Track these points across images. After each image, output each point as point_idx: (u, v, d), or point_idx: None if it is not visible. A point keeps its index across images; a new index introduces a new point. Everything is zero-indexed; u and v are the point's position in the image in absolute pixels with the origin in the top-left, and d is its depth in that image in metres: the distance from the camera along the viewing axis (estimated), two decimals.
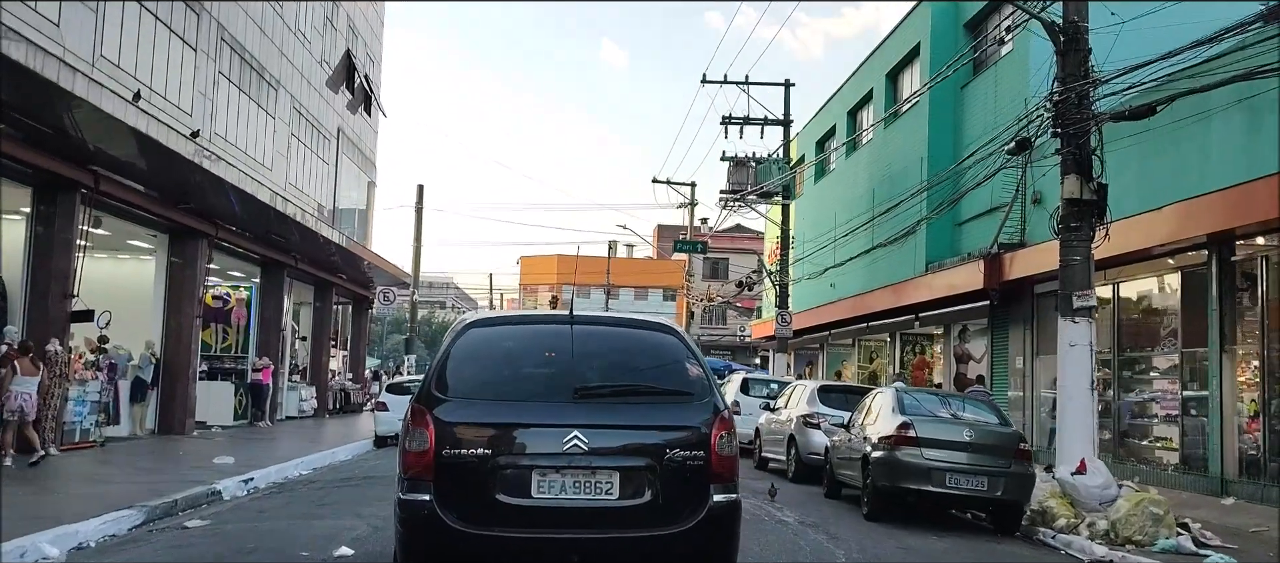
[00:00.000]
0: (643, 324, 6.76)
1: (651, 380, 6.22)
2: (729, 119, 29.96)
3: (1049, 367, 19.12)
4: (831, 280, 30.52)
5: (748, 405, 21.40)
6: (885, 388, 13.63)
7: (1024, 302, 19.81)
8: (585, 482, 5.70)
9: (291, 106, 26.96)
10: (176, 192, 18.95)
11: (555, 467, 5.68)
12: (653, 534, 5.72)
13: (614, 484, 5.71)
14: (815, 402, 15.99)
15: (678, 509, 5.74)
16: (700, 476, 5.80)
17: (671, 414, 6.01)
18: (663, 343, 6.40)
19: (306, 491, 13.36)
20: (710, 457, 5.81)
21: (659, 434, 5.88)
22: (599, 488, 5.70)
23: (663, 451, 5.80)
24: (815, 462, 15.23)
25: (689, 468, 5.79)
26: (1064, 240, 12.12)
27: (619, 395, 6.08)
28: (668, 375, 6.21)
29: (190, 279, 20.90)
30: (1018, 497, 11.01)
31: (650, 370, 6.27)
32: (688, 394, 6.10)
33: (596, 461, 5.70)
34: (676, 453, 5.79)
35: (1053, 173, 17.14)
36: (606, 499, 5.69)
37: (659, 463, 5.76)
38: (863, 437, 12.11)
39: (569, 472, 5.69)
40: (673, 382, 6.18)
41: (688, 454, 5.81)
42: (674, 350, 6.31)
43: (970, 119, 23.04)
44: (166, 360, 20.55)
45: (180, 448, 17.73)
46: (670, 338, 6.44)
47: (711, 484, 5.81)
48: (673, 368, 6.22)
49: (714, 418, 5.92)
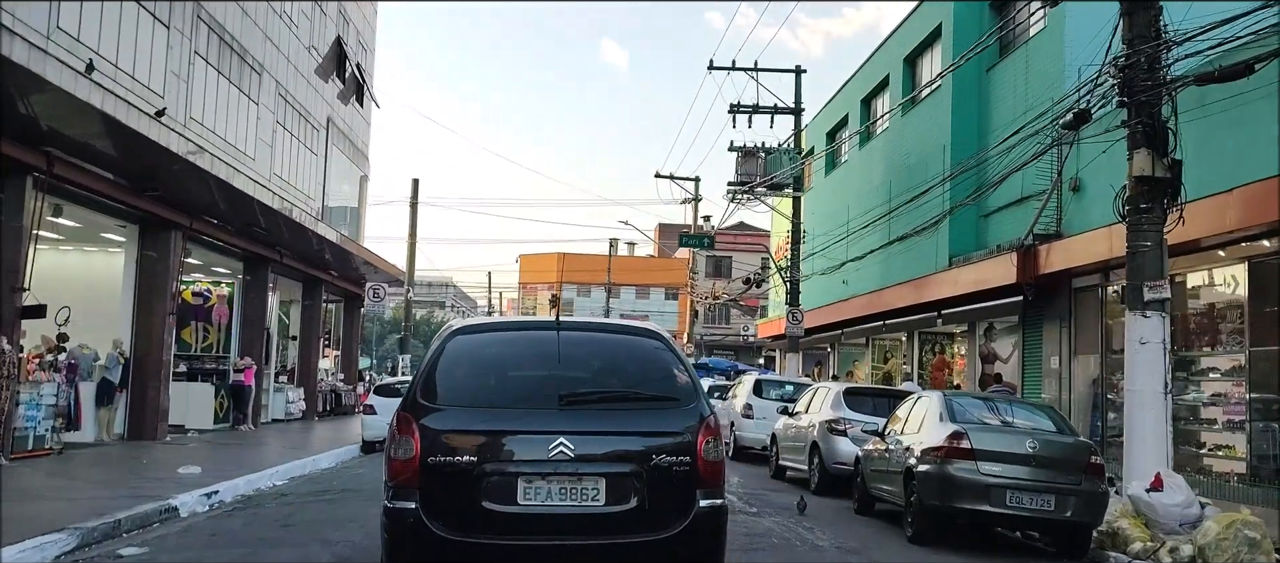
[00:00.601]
0: (628, 330, 6.79)
1: (637, 386, 6.16)
2: (737, 107, 28.48)
3: (1088, 367, 17.70)
4: (844, 277, 29.12)
5: (761, 409, 19.98)
6: (929, 391, 12.10)
7: (1060, 297, 18.35)
8: (571, 488, 5.67)
9: (277, 93, 25.48)
10: (144, 178, 17.51)
11: (541, 474, 5.65)
12: (639, 540, 5.70)
13: (600, 491, 5.69)
14: (840, 406, 14.52)
15: (664, 515, 5.72)
16: (686, 481, 5.78)
17: (657, 420, 5.95)
18: (648, 349, 6.37)
19: (275, 507, 11.90)
20: (696, 462, 5.79)
21: (645, 440, 5.82)
22: (585, 495, 5.68)
23: (649, 456, 5.76)
24: (842, 472, 13.79)
25: (675, 474, 5.77)
26: (1133, 224, 10.68)
27: (604, 402, 6.04)
28: (653, 381, 6.17)
29: (163, 273, 19.46)
30: (1089, 518, 9.57)
31: (636, 376, 6.22)
32: (674, 400, 6.06)
33: (582, 467, 5.68)
34: (662, 459, 5.77)
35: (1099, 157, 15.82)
36: (593, 506, 5.67)
37: (645, 469, 5.73)
38: (904, 447, 10.65)
39: (555, 478, 5.65)
40: (658, 388, 6.14)
41: (674, 460, 5.78)
42: (659, 356, 6.29)
43: (997, 104, 21.60)
44: (137, 360, 19.11)
45: (146, 456, 16.28)
46: (656, 344, 6.41)
47: (698, 490, 5.79)
48: (658, 374, 6.20)
49: (700, 424, 5.89)
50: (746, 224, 60.97)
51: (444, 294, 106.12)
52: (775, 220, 38.87)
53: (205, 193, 19.30)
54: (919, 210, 23.10)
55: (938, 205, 22.34)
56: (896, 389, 17.67)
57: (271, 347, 27.79)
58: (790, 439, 16.00)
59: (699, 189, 43.81)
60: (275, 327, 29.13)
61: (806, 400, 16.03)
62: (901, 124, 26.42)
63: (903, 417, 11.40)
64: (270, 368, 27.63)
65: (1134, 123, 10.57)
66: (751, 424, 19.90)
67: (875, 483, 11.65)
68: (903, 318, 25.54)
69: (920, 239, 23.37)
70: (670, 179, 42.18)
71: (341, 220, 31.96)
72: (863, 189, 29.13)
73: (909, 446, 10.46)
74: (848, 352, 33.63)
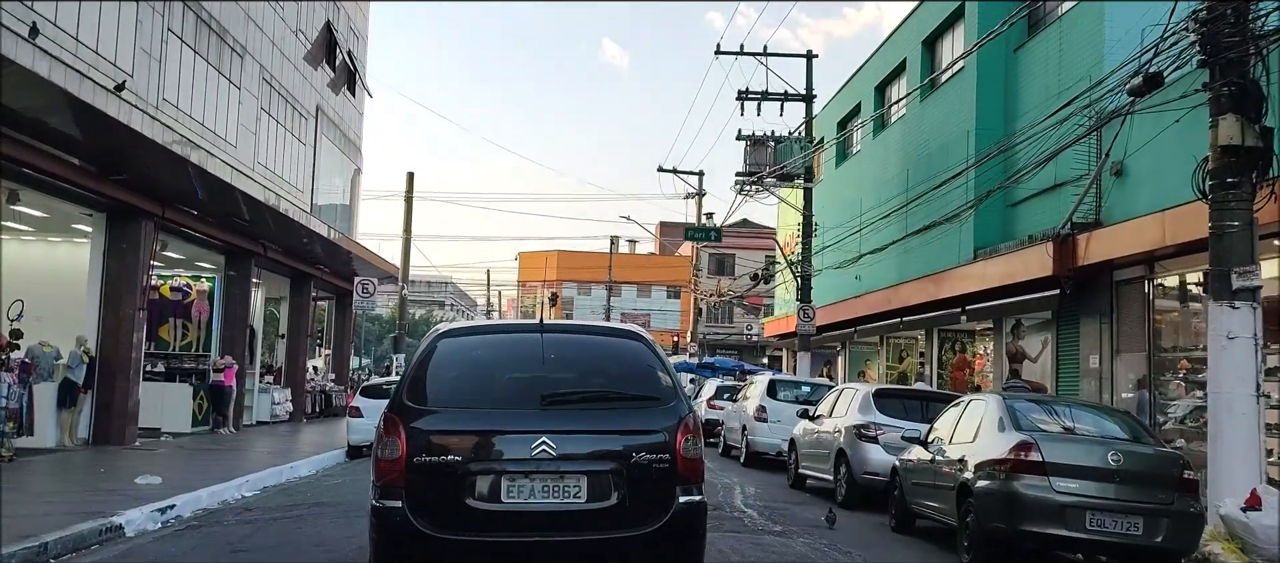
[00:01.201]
0: (610, 332, 7.09)
1: (618, 386, 6.29)
2: (746, 93, 27.04)
3: (1132, 367, 16.32)
4: (857, 273, 27.73)
5: (776, 412, 18.59)
6: (984, 394, 10.60)
7: (1100, 291, 16.96)
8: (554, 486, 5.79)
9: (261, 78, 24.09)
10: (109, 161, 16.14)
11: (524, 472, 5.78)
12: (620, 536, 5.84)
13: (582, 488, 5.82)
14: (870, 409, 13.09)
15: (644, 511, 5.86)
16: (666, 478, 5.91)
17: (638, 419, 6.08)
18: (630, 350, 6.48)
19: (235, 524, 10.51)
20: (675, 460, 5.93)
21: (625, 439, 5.95)
22: (567, 492, 5.80)
23: (629, 454, 5.89)
24: (873, 484, 12.42)
25: (655, 471, 5.90)
26: (1217, 200, 9.29)
27: (586, 402, 6.17)
28: (634, 381, 6.29)
29: (133, 266, 18.07)
30: (1182, 543, 8.18)
31: (617, 377, 6.33)
32: (654, 399, 6.18)
33: (564, 465, 5.80)
34: (642, 456, 5.90)
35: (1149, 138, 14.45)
36: (575, 503, 5.80)
37: (625, 467, 5.86)
38: (955, 459, 9.25)
39: (538, 477, 5.78)
40: (639, 387, 6.25)
41: (653, 458, 5.91)
42: (641, 357, 6.39)
43: (1027, 85, 20.21)
44: (103, 359, 17.71)
45: (108, 463, 14.89)
46: (637, 345, 6.51)
47: (677, 486, 5.93)
48: (639, 374, 6.30)
49: (679, 423, 6.02)
50: (750, 222, 59.57)
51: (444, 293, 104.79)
52: (782, 215, 37.47)
53: (179, 179, 17.92)
54: (940, 201, 21.73)
55: (960, 195, 20.96)
56: (933, 391, 16.28)
57: (256, 345, 26.42)
58: (812, 446, 14.60)
59: (702, 185, 42.18)
60: (261, 324, 27.78)
61: (830, 403, 14.62)
62: (920, 110, 25.03)
63: (951, 423, 9.99)
64: (255, 368, 26.27)
65: (1218, 85, 9.19)
66: (765, 428, 18.49)
67: (918, 499, 10.26)
68: (921, 315, 24.14)
69: (940, 232, 22.00)
70: (673, 173, 40.93)
71: (333, 214, 30.60)
72: (877, 180, 27.73)
73: (962, 457, 9.06)
74: (859, 351, 32.22)
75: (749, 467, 18.55)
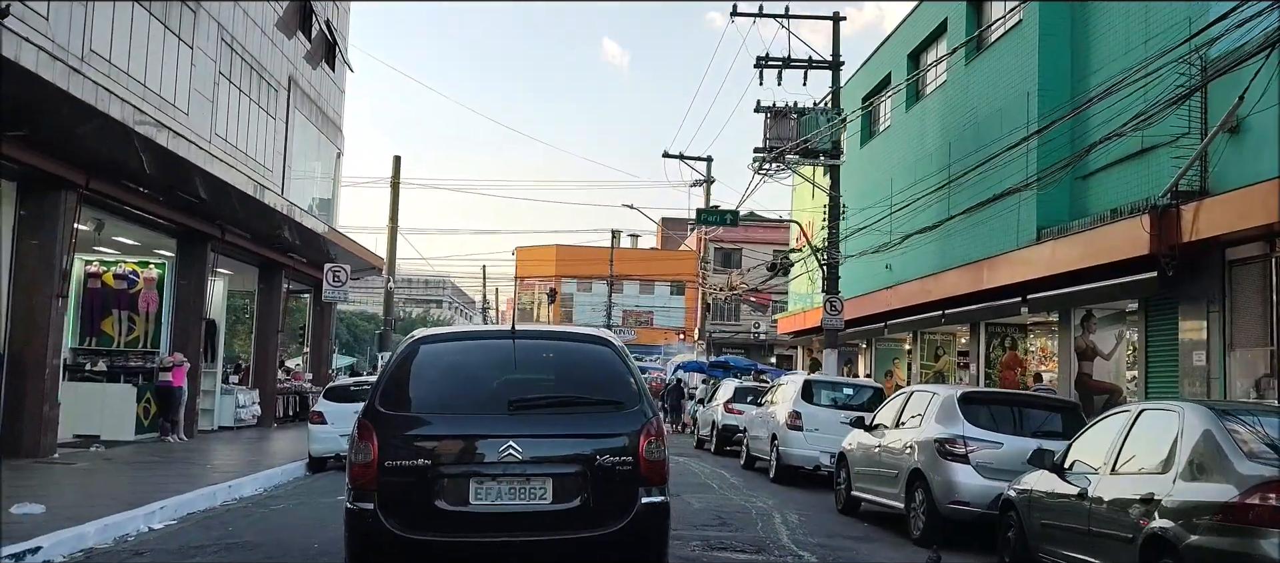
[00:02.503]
0: (580, 337, 7.08)
1: (585, 391, 6.42)
2: (766, 60, 24.17)
3: (1248, 365, 13.49)
4: (887, 261, 24.88)
5: (813, 418, 15.70)
6: (1174, 402, 7.49)
7: (1207, 274, 14.09)
8: (520, 488, 5.95)
9: (219, 38, 21.22)
10: (8, 117, 13.26)
11: (491, 475, 5.94)
12: (584, 536, 5.98)
13: (547, 490, 5.97)
14: (956, 420, 10.07)
15: (608, 512, 6.00)
16: (629, 480, 6.04)
17: (602, 423, 6.22)
18: (597, 355, 6.61)
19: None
20: (639, 462, 6.07)
21: (590, 442, 6.10)
22: (533, 494, 5.95)
23: (593, 457, 6.03)
24: (963, 516, 9.56)
25: (618, 473, 6.03)
26: None
27: (552, 406, 6.34)
28: (600, 386, 6.41)
29: (49, 245, 15.20)
30: None
31: (584, 382, 6.49)
32: (619, 403, 6.31)
33: (531, 469, 5.95)
34: (607, 459, 6.03)
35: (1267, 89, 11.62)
36: (540, 504, 5.95)
37: (590, 469, 6.00)
38: (1130, 498, 6.37)
39: (505, 479, 5.94)
40: (605, 392, 6.37)
41: (617, 460, 6.04)
42: (607, 362, 6.50)
43: (1101, 37, 17.33)
44: (12, 356, 14.86)
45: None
46: (604, 350, 6.62)
47: (640, 488, 6.05)
48: (605, 379, 6.42)
49: (643, 426, 6.16)
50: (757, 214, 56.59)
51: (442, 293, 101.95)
52: (797, 200, 34.62)
53: (105, 142, 15.06)
54: (991, 177, 18.89)
55: (1019, 169, 18.13)
56: (1060, 399, 13.37)
57: (217, 341, 23.57)
58: (871, 463, 11.64)
59: (711, 172, 39.28)
60: (223, 318, 24.91)
61: (895, 410, 11.63)
62: (965, 75, 22.17)
63: (1106, 444, 7.10)
64: (216, 366, 23.41)
65: None
66: (801, 438, 15.58)
67: (1056, 547, 7.37)
68: (966, 307, 21.24)
69: (991, 211, 19.16)
70: (680, 159, 38.11)
71: (309, 198, 27.72)
72: (911, 157, 24.89)
73: (1149, 494, 6.18)
74: (887, 348, 29.29)
75: (780, 483, 15.66)
